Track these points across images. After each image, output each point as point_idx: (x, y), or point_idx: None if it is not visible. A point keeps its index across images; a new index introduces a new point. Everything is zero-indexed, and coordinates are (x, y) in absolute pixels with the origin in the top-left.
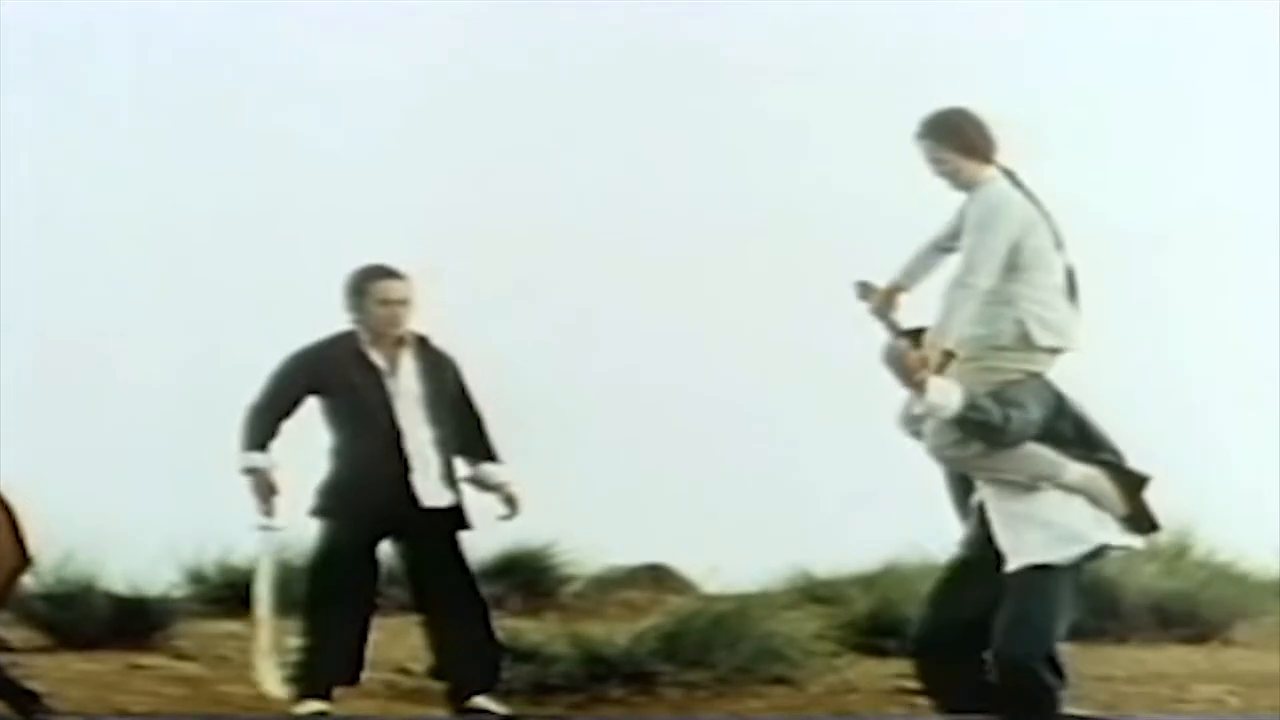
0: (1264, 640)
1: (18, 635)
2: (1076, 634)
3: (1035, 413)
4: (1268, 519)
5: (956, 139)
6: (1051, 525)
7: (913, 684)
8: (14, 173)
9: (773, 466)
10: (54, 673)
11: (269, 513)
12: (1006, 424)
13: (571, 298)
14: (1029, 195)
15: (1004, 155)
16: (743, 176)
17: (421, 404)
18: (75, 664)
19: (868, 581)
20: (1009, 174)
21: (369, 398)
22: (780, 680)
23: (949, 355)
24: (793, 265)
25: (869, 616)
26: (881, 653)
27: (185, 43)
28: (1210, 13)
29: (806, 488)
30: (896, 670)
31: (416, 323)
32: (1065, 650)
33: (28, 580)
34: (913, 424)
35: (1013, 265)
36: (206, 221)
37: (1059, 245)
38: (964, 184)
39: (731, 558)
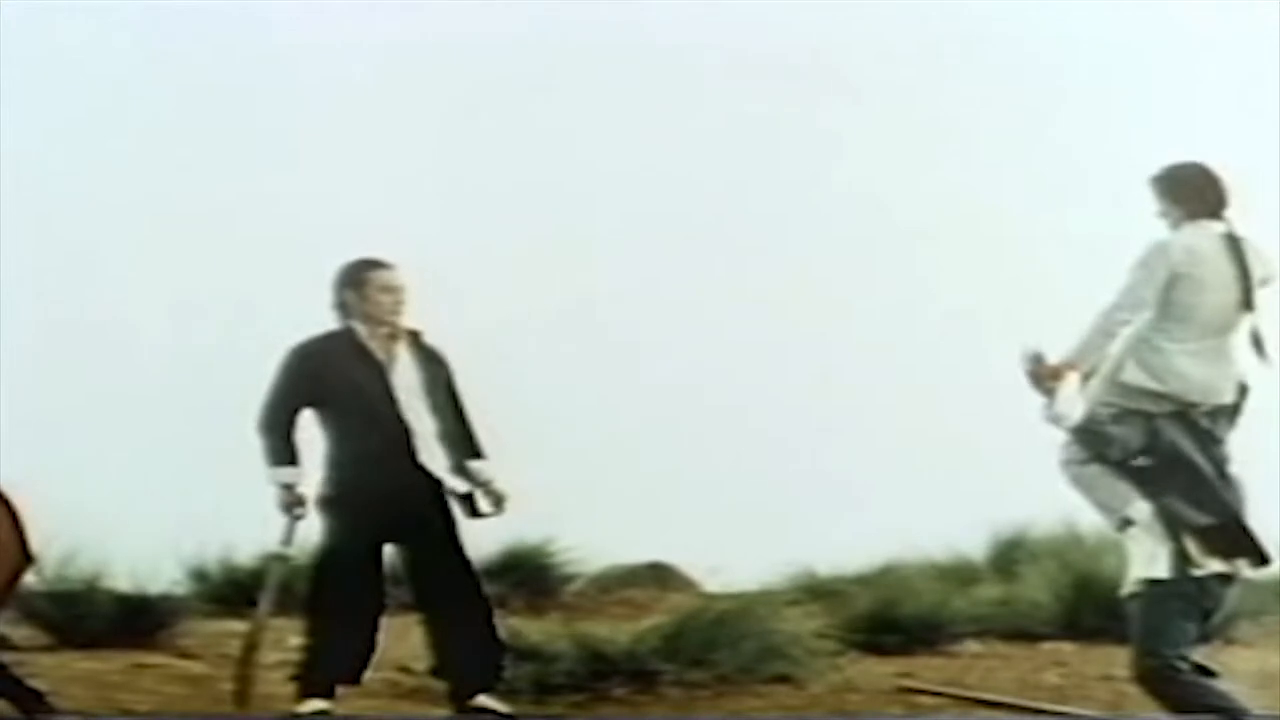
0: (1264, 639)
1: (21, 634)
2: (1077, 634)
3: (1133, 442)
4: (1267, 519)
5: (1172, 190)
6: (1144, 544)
7: (913, 683)
8: (14, 169)
9: (773, 466)
10: (57, 671)
11: (289, 536)
12: (1109, 446)
13: (575, 297)
14: (1235, 257)
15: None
16: (743, 176)
17: (421, 396)
18: (78, 662)
19: (869, 580)
20: (1229, 236)
21: (372, 391)
22: (782, 679)
23: (1085, 375)
24: (794, 265)
25: (870, 615)
26: (883, 651)
27: (184, 37)
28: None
29: (807, 487)
30: (897, 669)
31: (418, 318)
32: (1068, 649)
33: (31, 579)
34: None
35: (1161, 311)
36: (203, 222)
37: (1241, 307)
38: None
39: (733, 556)
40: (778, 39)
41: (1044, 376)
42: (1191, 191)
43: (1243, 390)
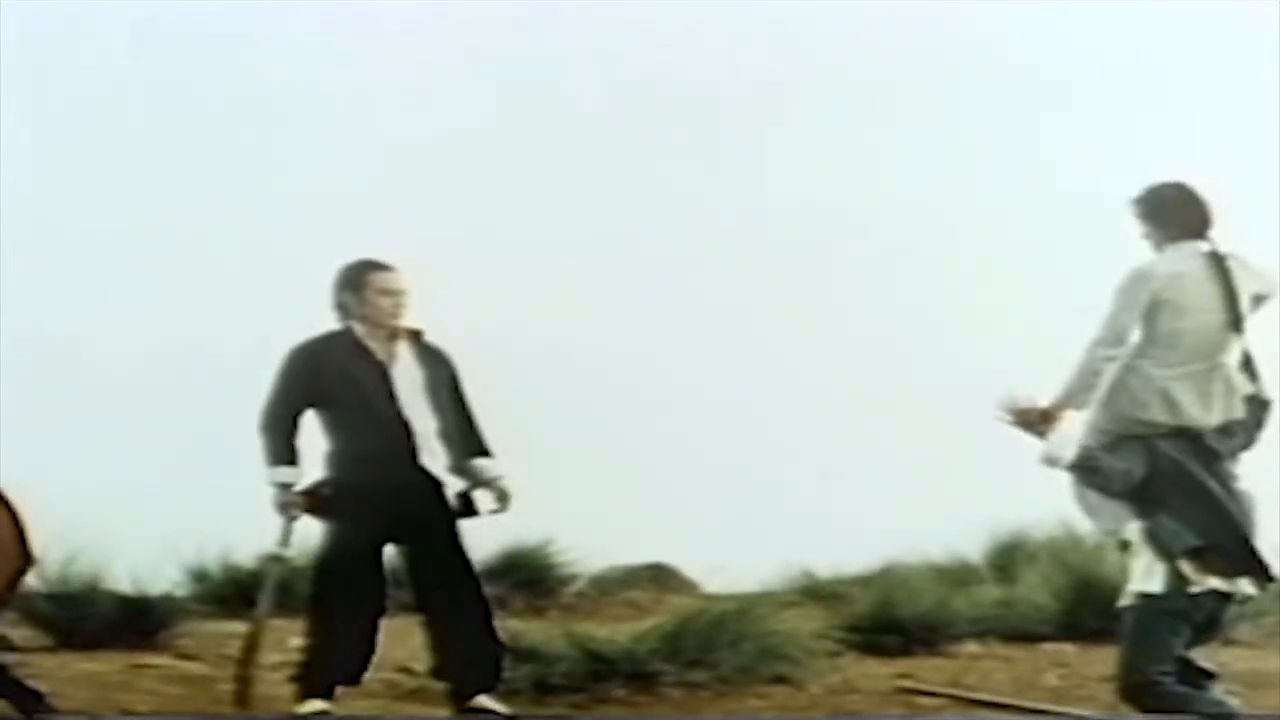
0: (1264, 640)
1: (21, 634)
2: (1077, 635)
3: (1134, 471)
4: (1267, 519)
5: (1153, 211)
6: (1143, 558)
7: (912, 683)
8: (12, 170)
9: (773, 467)
10: (57, 672)
11: (286, 537)
12: (1110, 476)
13: (576, 298)
14: (1220, 277)
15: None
16: (749, 179)
17: (423, 395)
18: (78, 663)
19: (868, 581)
20: (1214, 255)
21: (372, 391)
22: (781, 680)
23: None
24: (796, 267)
25: (870, 616)
26: (882, 652)
27: (183, 39)
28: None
29: (807, 488)
30: (897, 670)
31: (419, 319)
32: (1067, 650)
33: (31, 580)
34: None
35: (1146, 337)
36: (204, 225)
37: (1229, 328)
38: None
39: (733, 557)
40: (766, 58)
41: (1034, 422)
42: (1173, 212)
43: (1262, 405)
